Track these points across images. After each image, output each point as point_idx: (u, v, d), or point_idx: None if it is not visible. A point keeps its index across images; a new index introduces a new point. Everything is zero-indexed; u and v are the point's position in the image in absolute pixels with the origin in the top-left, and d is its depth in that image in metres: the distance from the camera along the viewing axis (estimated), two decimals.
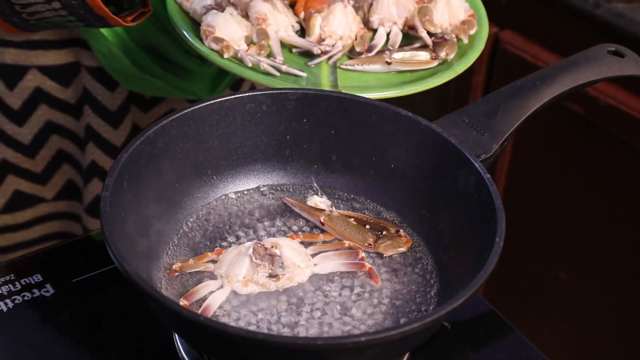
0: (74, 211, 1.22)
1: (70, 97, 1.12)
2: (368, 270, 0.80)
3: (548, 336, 1.63)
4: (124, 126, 1.14)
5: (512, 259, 1.60)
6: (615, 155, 1.45)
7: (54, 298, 0.84)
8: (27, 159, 1.15)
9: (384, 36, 1.03)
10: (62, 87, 1.11)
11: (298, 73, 0.95)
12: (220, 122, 0.86)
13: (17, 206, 1.18)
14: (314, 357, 0.68)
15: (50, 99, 1.12)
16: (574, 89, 0.93)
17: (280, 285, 0.78)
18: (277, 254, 0.78)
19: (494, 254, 0.72)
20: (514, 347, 0.84)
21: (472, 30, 1.03)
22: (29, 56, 1.08)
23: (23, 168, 1.16)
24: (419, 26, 1.02)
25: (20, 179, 1.16)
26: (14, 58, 1.08)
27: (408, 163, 0.86)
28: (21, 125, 1.12)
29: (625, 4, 1.38)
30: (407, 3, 1.04)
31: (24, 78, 1.10)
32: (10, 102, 1.10)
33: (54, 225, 1.22)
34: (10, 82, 1.10)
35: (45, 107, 1.12)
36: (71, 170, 1.19)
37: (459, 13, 1.03)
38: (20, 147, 1.14)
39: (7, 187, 1.16)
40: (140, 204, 0.79)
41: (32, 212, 1.19)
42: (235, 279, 0.77)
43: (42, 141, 1.15)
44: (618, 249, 1.50)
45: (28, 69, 1.09)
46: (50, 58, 1.09)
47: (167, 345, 0.81)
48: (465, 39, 1.02)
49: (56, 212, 1.21)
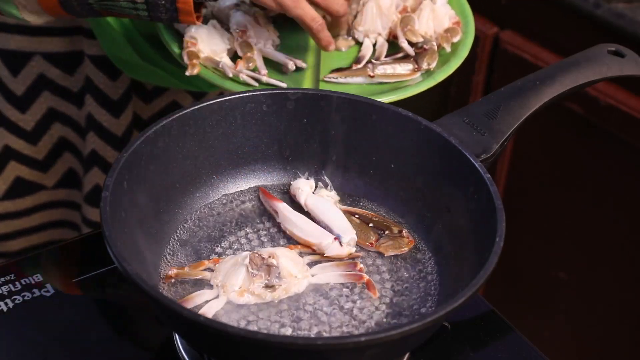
0: (73, 200, 1.22)
1: (73, 85, 1.13)
2: (366, 282, 0.80)
3: (548, 336, 1.63)
4: (125, 115, 1.14)
5: (512, 259, 1.60)
6: (615, 155, 1.45)
7: (54, 298, 0.84)
8: (29, 145, 1.15)
9: (370, 47, 1.03)
10: (65, 75, 1.12)
11: (278, 84, 0.95)
12: (220, 122, 0.86)
13: (17, 193, 1.18)
14: (314, 357, 0.68)
15: (53, 86, 1.12)
16: (574, 89, 0.93)
17: (276, 296, 0.78)
18: (274, 264, 0.78)
19: (494, 254, 0.73)
20: (514, 347, 0.84)
21: (456, 38, 1.02)
22: (33, 42, 1.09)
23: (25, 155, 1.16)
24: (401, 36, 1.02)
25: (22, 166, 1.17)
26: (18, 44, 1.08)
27: (408, 163, 0.86)
28: (24, 111, 1.13)
29: (625, 4, 1.38)
30: (390, 14, 1.03)
31: (28, 64, 1.10)
32: (13, 87, 1.11)
33: (54, 213, 1.23)
34: (14, 68, 1.10)
35: (48, 94, 1.12)
36: (72, 158, 1.19)
37: (444, 21, 1.03)
38: (23, 134, 1.14)
39: (9, 174, 1.16)
40: (140, 204, 0.79)
41: (33, 199, 1.20)
42: (231, 289, 0.77)
43: (45, 128, 1.15)
44: (618, 249, 1.50)
45: (32, 55, 1.09)
46: (54, 45, 1.09)
47: (167, 345, 0.81)
48: (448, 47, 1.01)
49: (56, 200, 1.21)
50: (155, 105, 1.17)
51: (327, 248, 0.82)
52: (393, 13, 1.04)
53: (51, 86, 1.12)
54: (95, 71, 1.10)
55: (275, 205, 0.86)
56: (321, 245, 0.82)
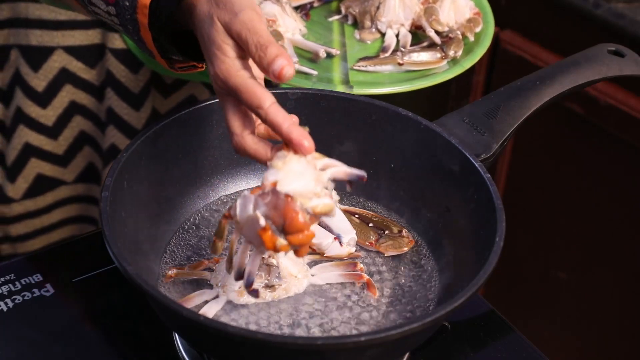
0: (93, 194, 1.22)
1: (95, 79, 1.13)
2: (366, 282, 0.80)
3: (548, 336, 1.63)
4: (144, 109, 1.14)
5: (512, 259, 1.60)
6: (615, 155, 1.45)
7: (54, 298, 0.84)
8: (50, 140, 1.15)
9: (393, 38, 1.05)
10: (87, 68, 1.12)
11: (309, 71, 0.97)
12: (220, 122, 0.86)
13: (39, 190, 1.18)
14: (314, 357, 0.68)
15: (75, 79, 1.12)
16: (574, 89, 0.93)
17: (276, 296, 0.78)
18: (274, 264, 0.78)
19: (494, 254, 0.72)
20: (514, 347, 0.84)
21: (478, 27, 1.06)
22: (55, 37, 1.08)
23: (45, 150, 1.16)
24: (427, 26, 1.04)
25: (43, 162, 1.16)
26: (39, 39, 1.08)
27: (408, 163, 0.86)
28: (45, 107, 1.13)
29: (625, 4, 1.38)
30: (412, 5, 1.06)
31: (49, 59, 1.10)
32: (34, 84, 1.11)
33: (73, 208, 1.22)
34: (35, 64, 1.10)
35: (70, 87, 1.12)
36: (92, 152, 1.19)
37: (465, 11, 1.06)
38: (44, 129, 1.14)
39: (30, 171, 1.16)
40: (140, 204, 0.79)
41: (53, 195, 1.19)
42: (231, 289, 0.77)
43: (65, 122, 1.15)
44: (618, 249, 1.50)
45: (54, 49, 1.09)
46: (77, 38, 1.09)
47: (167, 345, 0.81)
48: (472, 37, 1.04)
49: (76, 195, 1.21)
50: (174, 100, 1.17)
51: (327, 248, 0.82)
52: (415, 4, 1.06)
53: (73, 79, 1.12)
54: (116, 64, 1.10)
55: None
56: (321, 245, 0.82)
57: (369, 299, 0.79)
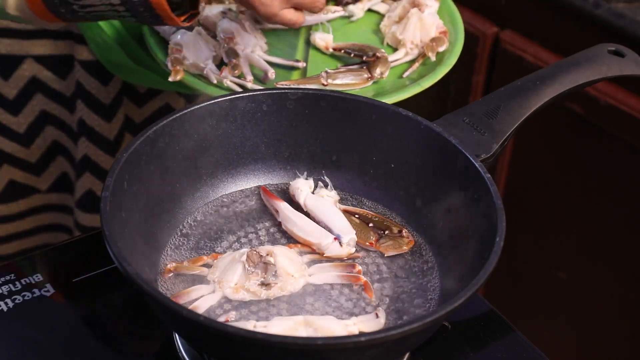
0: (66, 204, 1.22)
1: (65, 90, 1.13)
2: (363, 284, 0.80)
3: (548, 336, 1.63)
4: (116, 119, 1.14)
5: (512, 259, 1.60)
6: (615, 155, 1.45)
7: (54, 298, 0.84)
8: (22, 148, 1.15)
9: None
10: (58, 79, 1.12)
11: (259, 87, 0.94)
12: (220, 122, 0.86)
13: (11, 196, 1.18)
14: (314, 357, 0.68)
15: (45, 89, 1.12)
16: (574, 89, 0.93)
17: (271, 295, 0.78)
18: (271, 262, 0.78)
19: (494, 254, 0.72)
20: (514, 347, 0.84)
21: (442, 47, 1.02)
22: (24, 45, 1.08)
23: (18, 157, 1.16)
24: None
25: (15, 169, 1.16)
26: (8, 48, 1.08)
27: (408, 163, 0.86)
28: (16, 114, 1.13)
29: (625, 4, 1.38)
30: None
31: (20, 67, 1.10)
32: (5, 91, 1.11)
33: (47, 217, 1.23)
34: (5, 73, 1.10)
35: (40, 97, 1.12)
36: (65, 163, 1.19)
37: (431, 30, 1.03)
38: (15, 136, 1.14)
39: (2, 177, 1.16)
40: (140, 204, 0.79)
41: (26, 202, 1.20)
42: (227, 284, 0.77)
43: (37, 131, 1.15)
44: (618, 249, 1.50)
45: (23, 58, 1.09)
46: (46, 47, 1.09)
47: (167, 345, 0.81)
48: (433, 57, 1.01)
49: (50, 204, 1.21)
50: (148, 109, 1.17)
51: (327, 248, 0.82)
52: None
53: (43, 89, 1.12)
54: (86, 76, 1.10)
55: (277, 205, 0.86)
56: (321, 245, 0.82)
57: (369, 299, 0.79)
